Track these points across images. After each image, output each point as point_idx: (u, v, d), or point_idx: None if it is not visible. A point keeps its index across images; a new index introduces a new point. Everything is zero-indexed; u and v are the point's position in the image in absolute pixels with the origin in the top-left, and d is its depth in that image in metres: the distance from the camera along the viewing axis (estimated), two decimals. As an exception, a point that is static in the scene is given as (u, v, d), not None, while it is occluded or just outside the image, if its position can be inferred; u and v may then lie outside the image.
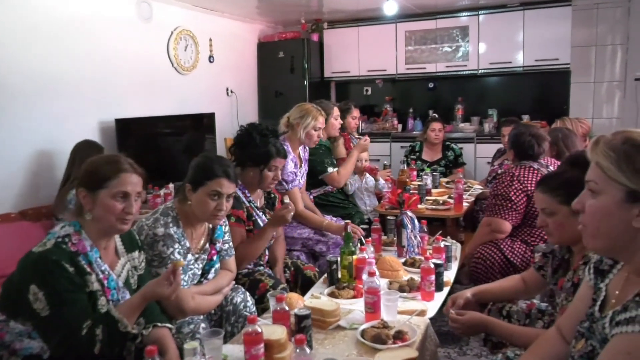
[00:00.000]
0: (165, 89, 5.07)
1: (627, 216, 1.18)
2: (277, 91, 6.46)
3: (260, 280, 2.59)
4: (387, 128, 6.63)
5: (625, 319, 1.12)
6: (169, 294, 1.75)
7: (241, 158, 2.76)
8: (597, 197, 1.23)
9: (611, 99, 5.84)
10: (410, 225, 2.87)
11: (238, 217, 2.65)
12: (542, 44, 5.69)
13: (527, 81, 6.17)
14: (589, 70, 5.87)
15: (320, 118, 3.45)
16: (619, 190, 1.18)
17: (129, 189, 1.77)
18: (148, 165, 2.02)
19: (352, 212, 4.02)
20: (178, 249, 2.08)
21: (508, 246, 3.00)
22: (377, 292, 2.01)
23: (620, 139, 1.20)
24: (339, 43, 6.66)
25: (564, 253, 1.95)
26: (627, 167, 1.17)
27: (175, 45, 5.11)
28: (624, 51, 5.68)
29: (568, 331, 1.45)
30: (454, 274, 2.75)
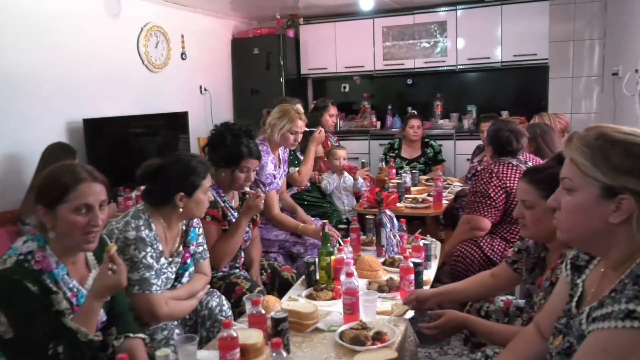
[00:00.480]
0: (136, 87, 5.01)
1: (604, 212, 1.20)
2: (253, 89, 6.43)
3: (236, 283, 2.58)
4: (366, 125, 6.66)
5: (602, 315, 1.14)
6: (117, 282, 1.67)
7: (214, 159, 2.75)
8: (573, 194, 1.25)
9: (589, 94, 5.96)
10: (389, 224, 2.89)
11: (213, 216, 2.65)
12: (520, 39, 5.78)
13: (505, 77, 6.26)
14: (567, 65, 5.98)
15: (299, 122, 3.42)
16: (595, 186, 1.21)
17: (90, 200, 1.67)
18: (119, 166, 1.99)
19: (329, 212, 4.03)
20: (150, 253, 2.06)
21: (487, 243, 3.04)
22: (355, 293, 2.02)
23: (593, 135, 1.23)
24: (316, 39, 6.67)
25: (539, 251, 1.98)
26: (602, 163, 1.20)
27: (145, 42, 5.05)
28: (601, 46, 5.79)
29: (546, 328, 1.48)
30: (434, 272, 2.78)
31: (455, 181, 4.75)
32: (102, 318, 1.78)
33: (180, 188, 2.17)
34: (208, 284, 2.39)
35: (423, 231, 3.17)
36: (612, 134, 1.21)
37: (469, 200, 3.15)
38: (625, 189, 1.17)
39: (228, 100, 6.56)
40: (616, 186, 1.18)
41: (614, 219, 1.19)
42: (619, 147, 1.19)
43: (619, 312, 1.10)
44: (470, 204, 3.13)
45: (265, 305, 2.07)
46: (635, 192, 1.17)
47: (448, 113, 6.46)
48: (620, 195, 1.18)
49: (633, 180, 1.17)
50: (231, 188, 2.80)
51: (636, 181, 1.17)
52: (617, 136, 1.21)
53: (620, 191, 1.18)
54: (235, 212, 2.81)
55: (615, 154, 1.19)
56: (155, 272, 2.06)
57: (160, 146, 5.04)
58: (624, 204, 1.18)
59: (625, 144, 1.19)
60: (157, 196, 2.19)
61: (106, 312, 1.81)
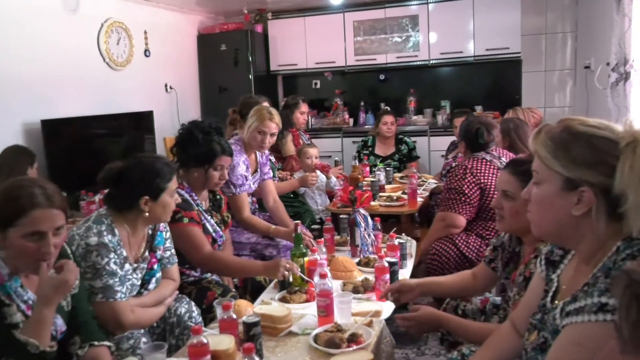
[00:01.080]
0: (97, 86, 4.93)
1: (567, 204, 1.25)
2: (221, 86, 6.39)
3: (207, 288, 2.56)
4: (338, 123, 6.68)
5: (575, 309, 1.17)
6: (62, 279, 1.63)
7: (184, 159, 2.72)
8: (539, 187, 1.30)
9: (562, 87, 6.10)
10: (364, 224, 2.91)
11: (191, 217, 2.61)
12: (493, 32, 5.87)
13: (479, 71, 6.35)
14: (539, 58, 6.10)
15: (268, 122, 3.37)
16: (557, 179, 1.25)
17: (43, 227, 1.60)
18: (80, 170, 1.95)
19: (301, 212, 4.03)
20: (114, 259, 2.03)
21: (463, 241, 3.08)
22: (329, 295, 2.02)
23: (559, 128, 1.27)
24: (285, 34, 6.66)
25: (514, 245, 2.02)
26: (563, 156, 1.24)
27: (106, 39, 4.98)
28: (573, 39, 5.93)
29: (521, 324, 1.51)
30: (409, 272, 2.80)
31: (430, 178, 4.80)
32: (61, 328, 1.74)
33: (145, 192, 2.14)
34: (177, 290, 2.37)
35: (398, 230, 3.20)
36: (577, 126, 1.25)
37: (444, 197, 3.19)
38: (585, 181, 1.21)
39: (195, 98, 6.50)
40: (576, 179, 1.22)
41: (576, 211, 1.24)
42: (581, 140, 1.23)
43: (592, 306, 1.13)
44: (444, 201, 3.16)
45: (237, 310, 2.06)
46: (594, 185, 1.21)
47: (421, 109, 6.53)
48: (580, 187, 1.22)
49: (591, 172, 1.21)
50: (205, 187, 2.78)
51: (594, 174, 1.20)
52: (580, 129, 1.24)
53: (580, 184, 1.22)
54: (207, 214, 2.79)
55: (576, 146, 1.23)
56: (119, 279, 2.04)
57: (124, 148, 4.98)
58: (585, 197, 1.22)
59: (587, 136, 1.23)
60: (120, 200, 2.16)
61: (68, 322, 1.78)
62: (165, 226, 2.37)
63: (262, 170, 3.62)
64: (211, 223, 2.78)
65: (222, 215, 2.93)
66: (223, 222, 2.91)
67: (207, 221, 2.76)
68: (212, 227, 2.77)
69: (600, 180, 1.20)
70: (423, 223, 4.43)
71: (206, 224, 2.74)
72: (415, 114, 6.50)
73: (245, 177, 3.36)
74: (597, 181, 1.20)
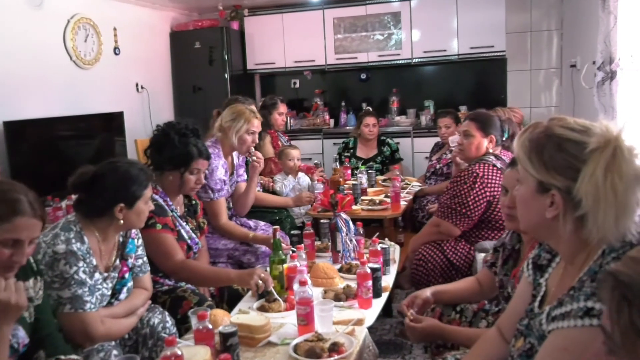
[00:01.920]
0: (64, 85, 4.88)
1: (541, 207, 1.28)
2: (195, 86, 6.37)
3: (183, 297, 2.54)
4: (318, 124, 6.70)
5: (561, 314, 1.19)
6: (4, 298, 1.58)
7: (159, 161, 2.71)
8: (521, 186, 1.34)
9: (549, 86, 6.19)
10: (345, 228, 2.92)
11: (165, 223, 2.60)
12: (477, 30, 5.94)
13: (463, 70, 6.42)
14: (525, 57, 6.19)
15: (255, 121, 3.41)
16: (532, 181, 1.29)
17: (22, 236, 1.60)
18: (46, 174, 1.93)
19: (282, 217, 4.02)
20: (83, 267, 2.02)
21: (451, 247, 3.10)
22: (309, 303, 2.03)
23: (541, 128, 1.30)
24: (262, 32, 6.66)
25: (514, 243, 2.07)
26: (535, 158, 1.27)
27: (73, 36, 4.92)
28: (559, 37, 6.03)
29: (508, 330, 1.54)
30: (393, 278, 2.82)
31: (414, 181, 4.83)
32: (24, 340, 1.72)
33: (121, 199, 2.13)
34: (149, 300, 2.35)
35: (381, 235, 3.21)
36: (554, 128, 1.28)
37: (444, 203, 3.15)
38: (553, 185, 1.24)
39: (168, 98, 6.47)
40: (546, 182, 1.25)
41: (549, 213, 1.27)
42: (553, 143, 1.26)
43: (578, 311, 1.15)
44: (444, 207, 3.12)
45: (213, 320, 2.05)
46: (561, 190, 1.24)
47: (405, 109, 6.57)
48: (551, 191, 1.25)
49: (558, 177, 1.24)
50: (180, 192, 2.77)
51: (561, 178, 1.23)
52: (556, 131, 1.27)
53: (550, 187, 1.25)
54: (183, 220, 2.77)
55: (548, 149, 1.26)
56: (88, 289, 2.02)
57: (93, 150, 4.93)
58: (556, 200, 1.25)
59: (560, 139, 1.25)
60: (92, 207, 2.14)
61: (31, 334, 1.75)
62: (137, 233, 2.36)
63: (238, 173, 3.62)
64: (186, 229, 2.77)
65: (197, 221, 2.92)
66: (199, 228, 2.90)
67: (182, 227, 2.75)
68: (187, 234, 2.76)
69: (567, 185, 1.22)
70: (407, 227, 4.46)
71: (181, 231, 2.73)
72: (398, 115, 6.54)
73: (224, 182, 3.36)
74: (563, 186, 1.23)
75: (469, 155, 3.17)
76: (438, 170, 4.84)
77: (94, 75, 5.22)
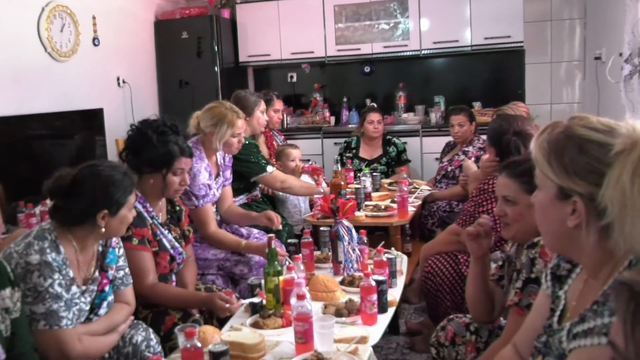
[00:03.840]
0: (38, 79, 4.88)
1: (561, 214, 1.28)
2: (182, 80, 6.36)
3: (166, 312, 2.56)
4: (318, 122, 6.71)
5: (583, 331, 1.19)
6: None
7: (137, 164, 2.70)
8: (539, 192, 1.34)
9: (571, 81, 6.21)
10: (347, 237, 2.92)
11: (142, 237, 2.58)
12: (492, 19, 5.95)
13: (476, 63, 6.44)
14: (544, 49, 6.20)
15: (239, 122, 3.39)
16: (551, 186, 1.29)
17: None
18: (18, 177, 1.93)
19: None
20: (58, 280, 2.02)
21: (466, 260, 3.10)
22: (308, 319, 2.03)
23: (561, 128, 1.30)
24: (256, 21, 6.66)
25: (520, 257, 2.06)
26: (555, 161, 1.27)
27: (48, 25, 4.93)
28: (582, 26, 6.04)
29: (525, 348, 1.54)
30: (400, 291, 2.82)
31: (423, 184, 4.84)
32: (1, 356, 1.74)
33: (104, 206, 2.14)
34: (132, 315, 2.36)
35: (386, 244, 3.22)
36: (576, 127, 1.28)
37: (467, 211, 3.13)
38: (575, 191, 1.24)
39: (152, 94, 6.47)
40: (567, 188, 1.25)
41: (571, 222, 1.27)
42: (574, 144, 1.26)
43: (602, 327, 1.15)
44: (467, 215, 3.10)
45: (202, 337, 2.06)
46: (583, 196, 1.24)
47: (412, 105, 6.58)
48: (573, 197, 1.25)
49: (580, 182, 1.24)
50: (162, 196, 2.77)
51: (584, 183, 1.23)
52: (578, 131, 1.27)
53: (571, 193, 1.25)
54: (165, 228, 2.77)
55: (568, 151, 1.26)
56: (65, 303, 2.02)
57: (70, 151, 4.93)
58: (578, 207, 1.25)
59: (582, 140, 1.25)
60: (71, 214, 2.14)
61: (6, 351, 1.76)
62: (118, 241, 2.36)
63: (224, 175, 3.62)
64: (169, 238, 2.76)
65: (182, 229, 2.91)
66: (183, 236, 2.90)
67: (164, 236, 2.74)
68: (170, 243, 2.75)
69: (590, 191, 1.22)
70: (415, 236, 4.46)
71: (162, 240, 2.72)
72: (405, 112, 6.55)
73: (209, 186, 3.35)
74: (586, 192, 1.23)
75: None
76: (449, 173, 4.84)
77: (71, 69, 5.22)
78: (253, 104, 4.17)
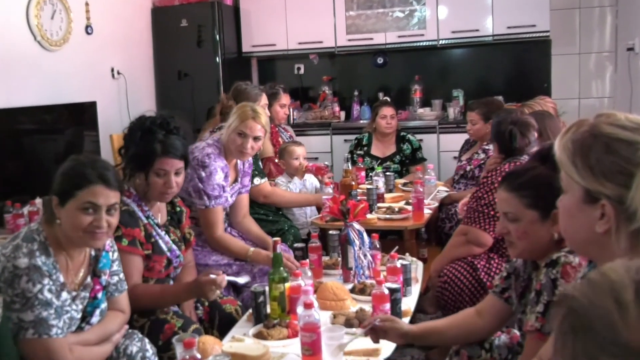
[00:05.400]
0: (27, 70, 4.89)
1: (589, 219, 1.27)
2: (181, 72, 6.37)
3: (165, 320, 2.56)
4: (327, 117, 6.70)
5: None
6: None
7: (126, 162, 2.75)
8: (565, 195, 1.34)
9: (601, 73, 6.17)
10: (358, 241, 2.92)
11: (133, 238, 2.59)
12: (515, 7, 5.93)
13: (498, 54, 6.42)
14: (572, 39, 6.17)
15: (250, 122, 3.36)
16: (577, 189, 1.28)
17: None
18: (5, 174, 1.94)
19: (284, 228, 4.03)
20: (48, 286, 2.03)
21: (484, 265, 3.10)
22: (316, 329, 2.03)
23: (586, 127, 1.29)
24: (261, 8, 6.67)
25: (529, 271, 2.03)
26: (580, 162, 1.26)
27: (37, 12, 4.95)
28: (613, 14, 6.01)
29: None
30: (415, 300, 2.82)
31: (440, 185, 4.83)
32: None
33: (56, 190, 2.15)
34: (126, 324, 2.36)
35: (400, 249, 3.21)
36: (602, 126, 1.26)
37: (470, 208, 3.20)
38: (602, 194, 1.23)
39: (149, 86, 6.49)
40: (594, 190, 1.24)
41: (599, 227, 1.25)
42: (600, 143, 1.24)
43: None
44: (470, 212, 3.17)
45: (202, 348, 2.06)
46: (611, 198, 1.22)
47: (429, 100, 6.57)
48: (601, 201, 1.24)
49: (608, 184, 1.22)
50: (151, 198, 2.77)
51: (612, 185, 1.22)
52: (604, 129, 1.26)
53: (599, 196, 1.24)
54: (162, 230, 2.77)
55: (594, 151, 1.24)
56: (55, 311, 2.03)
57: (60, 147, 4.94)
58: (607, 211, 1.24)
59: (609, 139, 1.24)
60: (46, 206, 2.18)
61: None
62: (112, 245, 2.37)
63: (242, 182, 3.62)
64: (165, 240, 2.76)
65: (182, 232, 2.92)
66: (184, 240, 2.90)
67: (161, 238, 2.74)
68: (167, 246, 2.76)
69: (619, 194, 1.21)
70: (431, 240, 4.45)
71: (159, 242, 2.72)
72: (421, 107, 6.54)
73: (223, 188, 3.35)
74: (614, 194, 1.22)
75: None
76: (468, 173, 4.82)
77: (62, 59, 5.24)
78: (253, 98, 4.14)
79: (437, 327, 2.25)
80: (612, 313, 0.79)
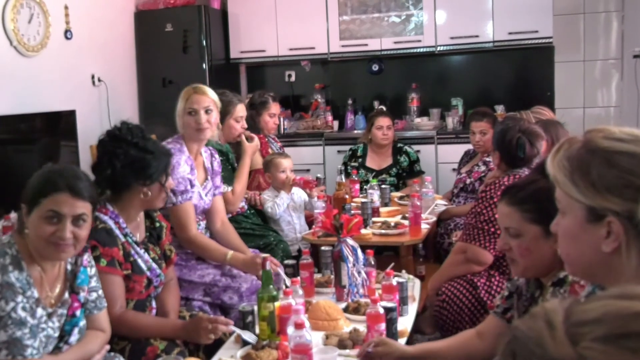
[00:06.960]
0: (2, 77, 4.89)
1: (594, 239, 1.27)
2: (165, 78, 6.37)
3: (147, 342, 2.55)
4: (319, 127, 6.72)
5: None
6: None
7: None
8: (564, 217, 1.33)
9: (606, 81, 6.22)
10: (352, 258, 2.92)
11: (112, 258, 2.57)
12: (517, 12, 5.96)
13: (499, 61, 6.47)
14: (577, 45, 6.21)
15: (195, 96, 3.40)
16: (579, 208, 1.28)
17: None
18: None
19: (272, 243, 4.02)
20: (22, 303, 2.02)
21: (484, 283, 3.10)
22: (307, 351, 2.03)
23: (579, 144, 1.29)
24: (250, 12, 6.69)
25: (532, 290, 2.04)
26: (581, 180, 1.26)
27: (14, 16, 4.95)
28: (619, 20, 6.06)
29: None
30: (412, 320, 2.82)
31: (439, 198, 4.83)
32: None
33: (24, 198, 2.16)
34: (107, 345, 2.35)
35: (397, 266, 3.21)
36: (598, 141, 1.27)
37: (468, 223, 3.20)
38: (609, 210, 1.23)
39: (131, 94, 6.48)
40: (599, 207, 1.24)
41: (606, 246, 1.25)
42: (600, 158, 1.25)
43: None
44: (468, 228, 3.17)
45: (186, 371, 2.06)
46: (619, 214, 1.23)
47: (427, 109, 6.58)
48: (607, 218, 1.24)
49: (614, 199, 1.23)
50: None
51: (618, 200, 1.22)
52: (601, 144, 1.26)
53: (605, 213, 1.24)
54: (141, 248, 2.76)
55: (595, 166, 1.25)
56: (30, 330, 2.02)
57: (36, 158, 4.92)
58: (615, 229, 1.24)
59: (607, 153, 1.24)
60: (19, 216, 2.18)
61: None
62: (90, 260, 2.37)
63: (214, 182, 3.60)
64: (145, 259, 2.75)
65: (162, 249, 2.90)
66: (164, 257, 2.89)
67: (140, 257, 2.73)
68: (147, 264, 2.74)
69: (627, 208, 1.22)
70: (429, 257, 4.46)
71: (137, 261, 2.71)
72: (419, 116, 6.55)
73: (190, 182, 3.34)
74: (622, 209, 1.22)
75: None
76: (468, 186, 4.84)
77: (40, 65, 5.24)
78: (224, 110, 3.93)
79: (435, 348, 2.25)
80: (543, 332, 0.85)
